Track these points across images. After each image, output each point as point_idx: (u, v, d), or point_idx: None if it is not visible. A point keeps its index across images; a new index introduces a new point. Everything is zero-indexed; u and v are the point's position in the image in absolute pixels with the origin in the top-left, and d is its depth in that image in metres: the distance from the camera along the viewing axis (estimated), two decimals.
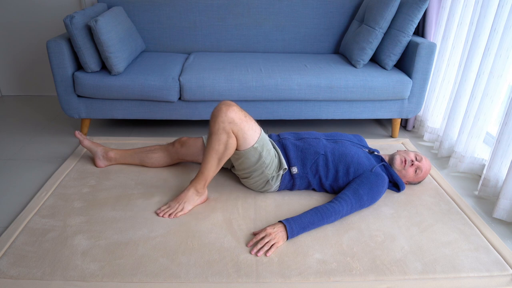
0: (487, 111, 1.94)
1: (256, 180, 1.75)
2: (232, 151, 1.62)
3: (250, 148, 1.62)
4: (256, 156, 1.65)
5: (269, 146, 1.69)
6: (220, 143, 1.58)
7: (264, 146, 1.65)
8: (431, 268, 1.40)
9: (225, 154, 1.61)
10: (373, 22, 2.33)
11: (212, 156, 1.62)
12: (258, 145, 1.62)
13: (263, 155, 1.65)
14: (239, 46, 2.80)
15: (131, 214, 1.65)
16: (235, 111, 1.57)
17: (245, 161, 1.67)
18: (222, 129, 1.55)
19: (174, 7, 2.67)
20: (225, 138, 1.57)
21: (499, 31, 1.83)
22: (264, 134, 1.68)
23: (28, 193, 1.82)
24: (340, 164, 1.74)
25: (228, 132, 1.56)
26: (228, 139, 1.57)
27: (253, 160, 1.66)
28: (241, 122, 1.57)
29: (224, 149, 1.59)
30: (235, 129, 1.56)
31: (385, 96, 2.33)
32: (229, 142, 1.58)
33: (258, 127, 1.65)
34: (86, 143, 1.98)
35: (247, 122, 1.59)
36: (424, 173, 1.86)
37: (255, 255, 1.44)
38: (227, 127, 1.55)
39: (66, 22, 2.06)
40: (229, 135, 1.57)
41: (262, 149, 1.64)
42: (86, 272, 1.33)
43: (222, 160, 1.63)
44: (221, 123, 1.55)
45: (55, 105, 2.97)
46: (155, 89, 2.22)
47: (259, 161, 1.66)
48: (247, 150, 1.62)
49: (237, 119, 1.56)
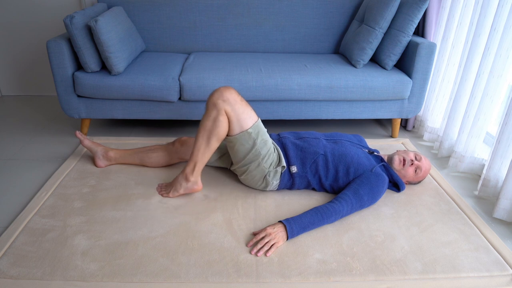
0: (487, 111, 1.94)
1: (253, 174, 1.74)
2: (223, 131, 1.61)
3: (244, 132, 1.62)
4: (250, 142, 1.64)
5: (266, 137, 1.69)
6: (209, 119, 1.59)
7: (260, 135, 1.65)
8: (431, 268, 1.40)
9: (214, 132, 1.60)
10: (373, 22, 2.33)
11: (201, 133, 1.63)
12: (252, 131, 1.63)
13: (257, 142, 1.65)
14: (239, 46, 2.80)
15: (131, 214, 1.65)
16: (231, 92, 1.59)
17: (240, 148, 1.67)
18: (213, 105, 1.58)
19: (174, 7, 2.67)
20: (215, 114, 1.58)
21: (499, 31, 1.83)
22: (261, 124, 1.68)
23: (28, 193, 1.82)
24: (340, 164, 1.74)
25: (219, 109, 1.57)
26: (218, 116, 1.58)
27: (247, 147, 1.66)
28: (235, 103, 1.58)
29: (213, 126, 1.59)
30: (227, 109, 1.57)
31: (385, 96, 2.33)
32: (219, 119, 1.58)
33: (255, 115, 1.66)
34: (86, 143, 1.98)
35: (241, 105, 1.60)
36: (424, 172, 1.86)
37: (255, 255, 1.44)
38: (219, 104, 1.57)
39: (66, 22, 2.06)
40: (219, 112, 1.57)
41: (256, 137, 1.64)
42: (86, 272, 1.33)
43: (211, 139, 1.62)
44: (215, 99, 1.57)
45: (55, 105, 2.97)
46: (155, 89, 2.22)
47: (253, 148, 1.65)
48: (240, 134, 1.62)
49: (231, 99, 1.57)
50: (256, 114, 1.67)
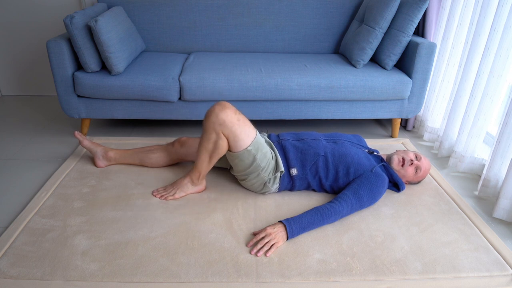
0: (487, 111, 1.94)
1: (253, 182, 1.75)
2: (223, 151, 1.63)
3: (243, 150, 1.62)
4: (250, 159, 1.65)
5: (265, 149, 1.68)
6: (209, 142, 1.61)
7: (259, 149, 1.65)
8: (431, 268, 1.40)
9: (215, 153, 1.63)
10: (373, 22, 2.33)
11: (203, 152, 1.66)
12: (252, 148, 1.62)
13: (257, 157, 1.65)
14: (239, 46, 2.80)
15: (131, 214, 1.65)
16: (227, 113, 1.55)
17: (240, 163, 1.67)
18: (212, 129, 1.57)
19: (174, 7, 2.67)
20: (215, 138, 1.59)
21: (499, 31, 1.83)
22: (259, 137, 1.67)
23: (28, 193, 1.82)
24: (340, 164, 1.74)
25: (218, 133, 1.57)
26: (217, 139, 1.59)
27: (247, 163, 1.66)
28: (232, 126, 1.56)
29: (214, 148, 1.62)
30: (225, 132, 1.57)
31: (385, 96, 2.33)
32: (219, 142, 1.59)
33: (253, 131, 1.64)
34: (85, 143, 1.98)
35: (239, 126, 1.58)
36: (424, 172, 1.86)
37: (255, 255, 1.44)
38: (217, 128, 1.56)
39: (66, 22, 2.06)
40: (218, 136, 1.58)
41: (256, 152, 1.64)
42: (86, 272, 1.33)
43: (213, 157, 1.66)
44: (211, 123, 1.56)
45: (55, 105, 2.97)
46: (155, 89, 2.22)
47: (253, 163, 1.66)
48: (240, 152, 1.62)
49: (228, 121, 1.55)
50: (254, 128, 1.65)
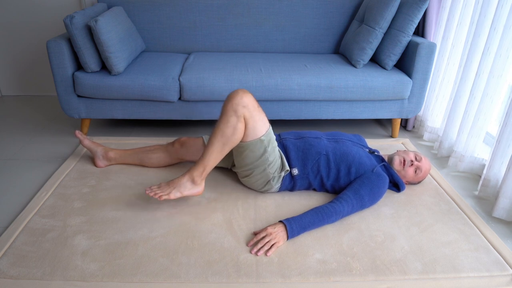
0: (487, 111, 1.94)
1: (257, 178, 1.74)
2: (239, 138, 1.58)
3: (257, 139, 1.60)
4: (261, 150, 1.63)
5: (274, 144, 1.68)
6: (228, 125, 1.54)
7: (271, 142, 1.65)
8: (431, 268, 1.41)
9: (231, 139, 1.56)
10: (373, 22, 2.33)
11: (218, 138, 1.56)
12: (265, 138, 1.62)
13: (268, 150, 1.64)
14: (239, 46, 2.80)
15: (131, 214, 1.65)
16: (251, 98, 1.56)
17: (249, 154, 1.65)
18: (234, 111, 1.53)
19: (174, 7, 2.67)
20: (235, 121, 1.54)
21: (499, 31, 1.83)
22: (272, 131, 1.67)
23: (28, 193, 1.82)
24: (341, 163, 1.74)
25: (239, 116, 1.54)
26: (237, 123, 1.54)
27: (257, 154, 1.64)
28: (254, 109, 1.56)
29: (232, 133, 1.55)
30: (247, 115, 1.55)
31: (385, 96, 2.33)
32: (238, 126, 1.55)
33: (268, 122, 1.65)
34: (86, 142, 1.98)
35: (259, 112, 1.59)
36: (424, 173, 1.86)
37: (255, 254, 1.44)
38: (239, 110, 1.53)
39: (66, 22, 2.06)
40: (239, 119, 1.54)
41: (268, 144, 1.63)
42: (86, 272, 1.33)
43: (226, 146, 1.58)
44: (235, 105, 1.53)
45: (55, 105, 2.97)
46: (155, 89, 2.22)
47: (263, 155, 1.64)
48: (253, 141, 1.60)
49: (251, 105, 1.55)
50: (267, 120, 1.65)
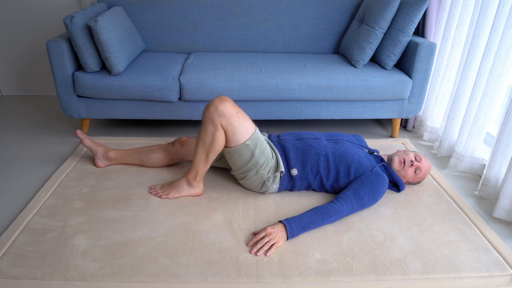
0: (487, 111, 1.94)
1: (252, 181, 1.74)
2: (220, 146, 1.62)
3: (241, 145, 1.62)
4: (248, 154, 1.64)
5: (263, 145, 1.68)
6: (206, 134, 1.60)
7: (258, 145, 1.65)
8: (431, 268, 1.41)
9: (212, 147, 1.61)
10: (373, 22, 2.33)
11: (200, 147, 1.64)
12: (250, 143, 1.62)
13: (255, 153, 1.65)
14: (239, 46, 2.80)
15: (131, 214, 1.65)
16: (227, 105, 1.57)
17: (238, 159, 1.67)
18: (211, 121, 1.57)
19: (174, 7, 2.67)
20: (212, 130, 1.58)
21: (499, 31, 1.83)
22: (259, 133, 1.68)
23: (28, 193, 1.82)
24: (341, 164, 1.74)
25: (216, 125, 1.57)
26: (215, 131, 1.58)
27: (245, 158, 1.66)
28: (230, 117, 1.57)
29: (211, 141, 1.60)
30: (223, 123, 1.57)
31: (385, 96, 2.33)
32: (216, 134, 1.58)
33: (252, 125, 1.65)
34: (87, 142, 1.98)
35: (238, 118, 1.59)
36: (424, 173, 1.86)
37: (255, 254, 1.44)
38: (215, 119, 1.56)
39: (66, 22, 2.06)
40: (216, 128, 1.57)
41: (254, 148, 1.64)
42: (86, 272, 1.33)
43: (210, 154, 1.64)
44: (211, 114, 1.56)
45: (55, 105, 2.97)
46: (155, 89, 2.22)
47: (251, 159, 1.66)
48: (238, 146, 1.62)
49: (227, 113, 1.56)
50: (253, 123, 1.66)
